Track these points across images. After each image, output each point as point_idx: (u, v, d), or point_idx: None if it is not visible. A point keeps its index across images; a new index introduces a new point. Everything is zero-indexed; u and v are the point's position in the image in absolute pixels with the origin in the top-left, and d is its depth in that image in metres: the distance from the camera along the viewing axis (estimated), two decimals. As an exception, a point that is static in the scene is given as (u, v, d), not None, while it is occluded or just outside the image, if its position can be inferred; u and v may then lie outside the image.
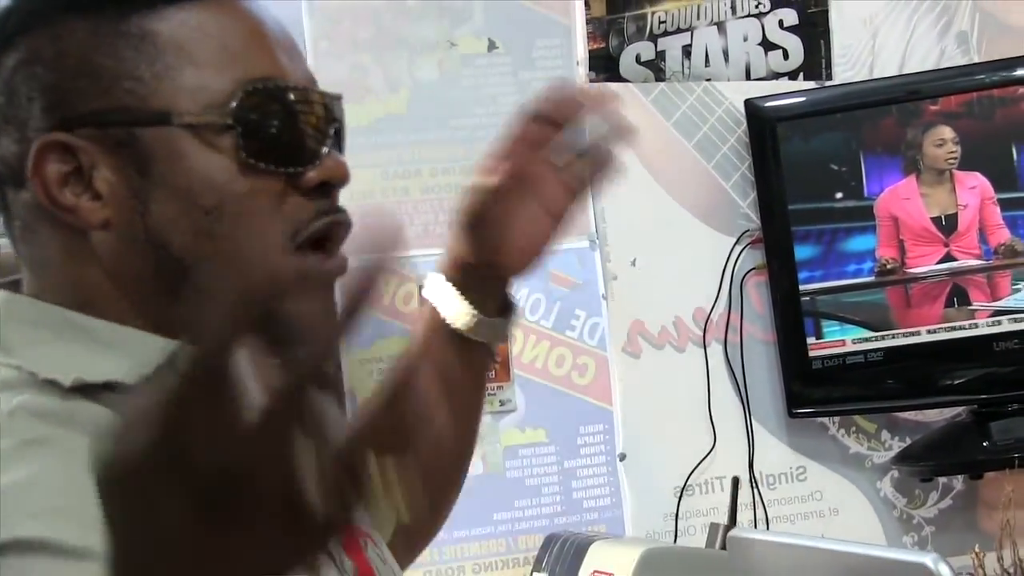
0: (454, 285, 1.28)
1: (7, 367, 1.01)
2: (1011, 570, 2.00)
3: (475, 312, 1.31)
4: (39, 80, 1.07)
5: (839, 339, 2.26)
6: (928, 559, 1.13)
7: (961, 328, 2.23)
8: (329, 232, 1.10)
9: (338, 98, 1.14)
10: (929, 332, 2.25)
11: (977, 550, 1.98)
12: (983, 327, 2.22)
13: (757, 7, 2.37)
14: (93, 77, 1.05)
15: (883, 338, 2.25)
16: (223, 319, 0.69)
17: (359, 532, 1.23)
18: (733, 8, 2.37)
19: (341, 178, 1.11)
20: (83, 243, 1.07)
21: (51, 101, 1.06)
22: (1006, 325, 2.22)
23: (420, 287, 2.26)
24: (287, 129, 1.11)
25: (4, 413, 0.97)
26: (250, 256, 1.08)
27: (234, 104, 1.05)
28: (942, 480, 2.35)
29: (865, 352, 2.24)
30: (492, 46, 2.24)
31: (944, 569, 1.10)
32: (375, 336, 2.16)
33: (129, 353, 1.04)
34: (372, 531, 1.28)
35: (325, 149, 1.11)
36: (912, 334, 2.26)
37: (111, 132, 1.05)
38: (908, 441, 2.35)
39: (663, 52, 2.33)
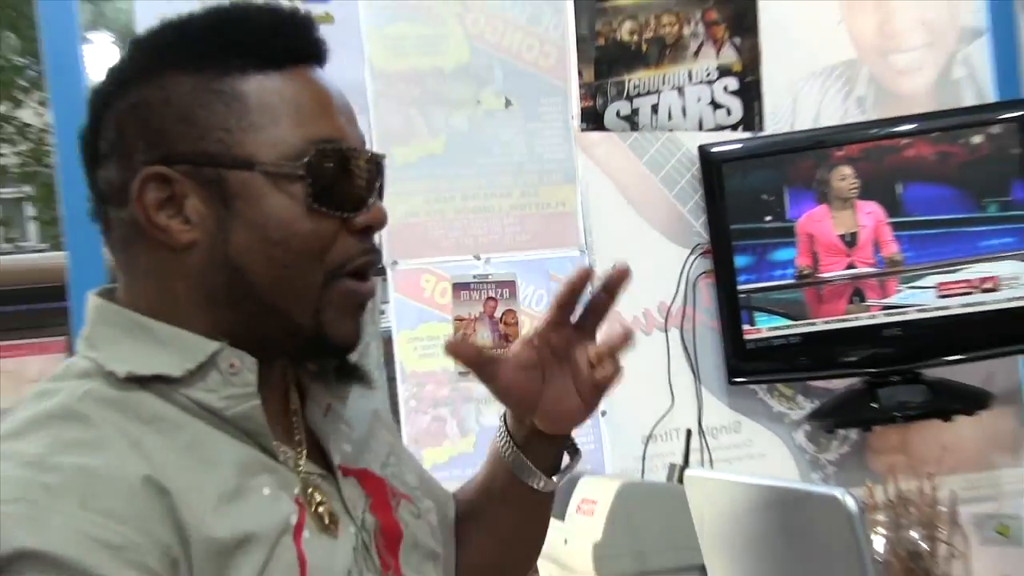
0: (516, 442, 1.31)
1: (87, 359, 1.11)
2: (894, 499, 2.23)
3: (539, 478, 1.32)
4: (146, 122, 1.13)
5: (767, 326, 2.45)
6: (837, 492, 1.30)
7: (858, 319, 2.43)
8: (365, 267, 1.20)
9: (383, 157, 1.22)
10: (833, 322, 2.45)
11: (869, 484, 2.29)
12: (874, 318, 2.43)
13: (708, 76, 2.52)
14: (191, 124, 1.13)
15: (800, 326, 2.44)
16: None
17: (395, 493, 1.32)
18: (690, 77, 2.51)
19: (382, 223, 1.20)
20: (171, 258, 1.14)
21: (155, 140, 1.13)
22: (891, 317, 2.43)
23: (453, 285, 2.38)
24: (345, 182, 1.18)
25: (76, 396, 1.07)
26: (304, 282, 1.17)
27: (305, 159, 1.13)
28: (841, 432, 2.56)
29: (786, 336, 2.44)
30: (508, 103, 2.39)
31: (849, 499, 1.29)
32: (419, 320, 2.29)
33: (179, 351, 1.12)
34: (414, 492, 1.36)
35: (372, 199, 1.19)
36: (822, 323, 2.45)
37: (203, 170, 1.13)
38: (817, 403, 2.55)
39: (637, 109, 2.49)
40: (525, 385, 1.23)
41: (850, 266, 2.44)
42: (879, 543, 2.22)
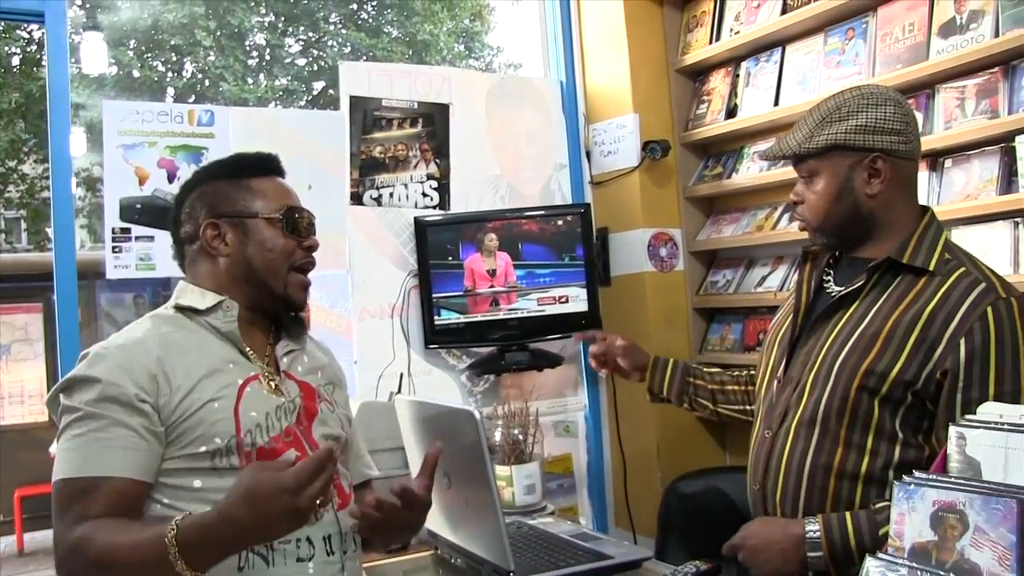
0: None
1: (167, 306, 1.48)
2: (508, 413, 2.56)
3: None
4: (206, 201, 1.49)
5: (447, 318, 2.78)
6: (471, 408, 1.60)
7: (495, 315, 2.81)
8: (308, 265, 1.54)
9: (313, 216, 1.56)
10: (481, 316, 2.80)
11: (495, 404, 2.68)
12: (503, 315, 2.81)
13: (421, 179, 2.85)
14: (227, 199, 1.47)
15: (464, 318, 2.79)
16: None
17: (321, 397, 1.53)
18: (411, 178, 2.84)
19: (315, 246, 1.55)
20: (215, 264, 1.48)
21: (211, 207, 1.48)
22: (513, 315, 2.82)
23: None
24: (299, 224, 1.51)
25: (149, 316, 1.45)
26: (280, 270, 1.49)
27: (281, 212, 1.49)
28: (485, 376, 2.92)
29: (457, 323, 2.79)
30: (310, 187, 2.57)
31: (476, 412, 1.56)
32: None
33: (207, 300, 1.45)
34: (337, 407, 1.58)
35: (311, 233, 1.55)
36: (478, 316, 2.80)
37: (233, 219, 1.48)
38: (473, 359, 2.89)
39: (381, 194, 2.81)
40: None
41: (492, 286, 2.80)
42: (499, 435, 2.52)
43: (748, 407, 2.11)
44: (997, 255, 2.18)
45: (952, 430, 1.27)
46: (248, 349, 1.47)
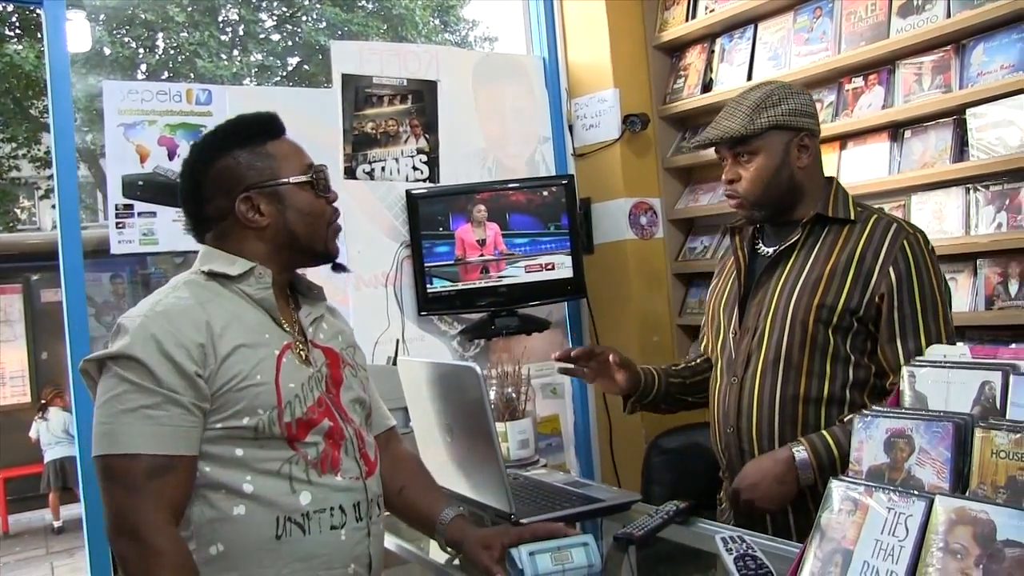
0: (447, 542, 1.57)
1: (195, 271, 1.46)
2: (501, 374, 2.55)
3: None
4: (231, 175, 1.44)
5: (439, 286, 2.94)
6: (473, 365, 1.60)
7: (485, 282, 2.96)
8: (337, 216, 1.52)
9: (327, 167, 1.53)
10: (472, 283, 2.96)
11: (489, 366, 2.70)
12: (493, 282, 2.97)
13: (412, 153, 3.00)
14: (254, 170, 1.44)
15: (455, 286, 2.95)
16: None
17: (345, 362, 1.53)
18: (402, 153, 2.98)
19: (337, 198, 1.52)
20: (253, 235, 1.46)
21: (236, 182, 1.44)
22: (502, 282, 2.97)
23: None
24: (323, 182, 1.49)
25: (183, 281, 1.42)
26: (319, 229, 1.48)
27: (310, 174, 1.47)
28: (476, 340, 3.10)
29: (448, 291, 2.96)
30: None
31: (478, 368, 1.58)
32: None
33: (238, 266, 1.43)
34: (360, 368, 1.60)
35: (330, 186, 1.52)
36: (468, 284, 2.96)
37: (264, 189, 1.44)
38: (465, 325, 3.07)
39: (374, 169, 2.95)
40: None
41: (481, 255, 2.97)
42: (494, 394, 2.51)
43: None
44: (951, 218, 2.40)
45: (904, 370, 1.46)
46: (280, 317, 1.48)
